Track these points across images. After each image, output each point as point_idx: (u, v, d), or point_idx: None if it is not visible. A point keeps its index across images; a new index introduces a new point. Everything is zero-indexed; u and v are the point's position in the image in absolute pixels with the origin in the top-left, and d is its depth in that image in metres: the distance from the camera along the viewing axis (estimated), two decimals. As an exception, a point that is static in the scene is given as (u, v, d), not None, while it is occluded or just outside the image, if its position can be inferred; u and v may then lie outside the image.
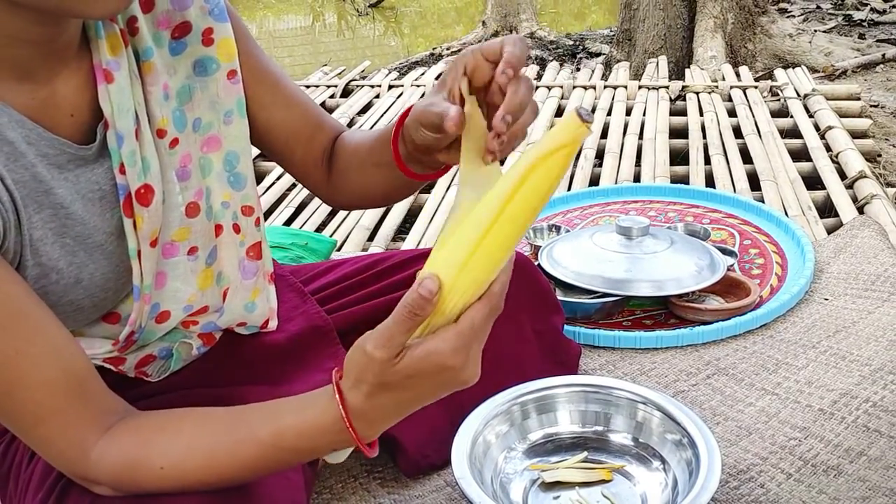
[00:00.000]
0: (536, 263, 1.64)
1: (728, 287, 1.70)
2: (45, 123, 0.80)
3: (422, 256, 1.27)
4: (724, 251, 1.81)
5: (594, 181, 2.53)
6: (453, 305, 0.68)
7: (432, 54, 5.71)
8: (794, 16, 5.27)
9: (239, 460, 0.77)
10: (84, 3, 0.70)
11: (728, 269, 1.71)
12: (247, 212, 1.00)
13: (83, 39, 0.82)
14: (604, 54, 4.92)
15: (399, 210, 2.40)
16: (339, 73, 3.88)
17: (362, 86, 3.63)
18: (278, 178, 2.70)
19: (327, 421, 0.73)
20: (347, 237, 2.27)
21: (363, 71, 3.93)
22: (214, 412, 0.80)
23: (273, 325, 1.11)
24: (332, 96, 3.55)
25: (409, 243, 2.20)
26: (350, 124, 3.22)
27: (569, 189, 2.44)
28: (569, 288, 1.68)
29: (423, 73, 3.92)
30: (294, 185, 2.68)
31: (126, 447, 0.77)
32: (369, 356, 0.69)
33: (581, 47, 5.43)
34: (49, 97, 0.80)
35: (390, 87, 3.60)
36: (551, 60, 4.58)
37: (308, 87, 3.68)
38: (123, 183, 0.85)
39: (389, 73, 3.99)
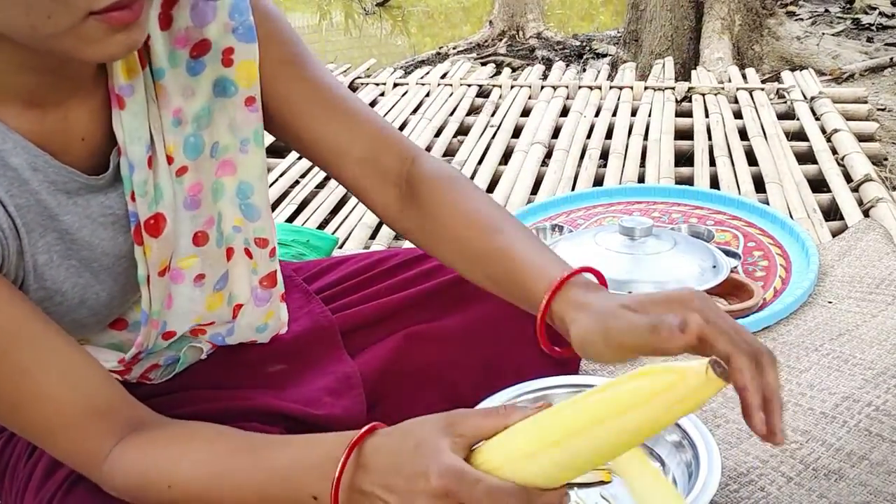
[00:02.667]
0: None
1: (731, 289, 1.69)
2: (53, 149, 0.77)
3: (425, 255, 1.26)
4: (728, 253, 1.80)
5: (598, 181, 2.52)
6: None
7: (438, 53, 5.70)
8: (802, 19, 5.25)
9: (239, 492, 0.74)
10: (79, 49, 0.66)
11: (731, 271, 1.70)
12: (260, 244, 0.96)
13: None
14: (610, 55, 4.91)
15: (402, 208, 2.39)
16: (344, 71, 3.88)
17: (367, 84, 3.63)
18: (281, 175, 2.70)
19: (322, 470, 0.69)
20: (349, 235, 2.26)
21: (368, 69, 3.92)
22: (223, 434, 0.78)
23: (283, 331, 1.10)
24: (336, 94, 3.54)
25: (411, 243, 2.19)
26: (354, 122, 3.20)
27: (573, 189, 2.43)
28: (571, 288, 1.67)
29: (427, 72, 3.92)
30: (297, 182, 2.68)
31: (135, 463, 0.76)
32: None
33: (588, 48, 5.42)
34: (60, 122, 0.77)
35: (395, 85, 3.59)
36: (557, 60, 4.57)
37: (313, 84, 3.67)
38: (134, 211, 0.83)
39: (394, 71, 3.99)
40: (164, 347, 0.97)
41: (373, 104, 3.41)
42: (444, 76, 3.78)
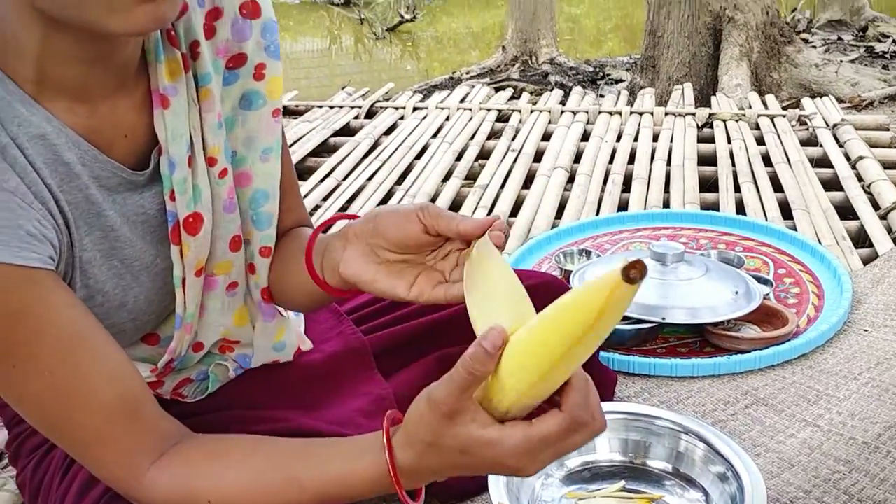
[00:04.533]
0: (568, 285, 1.62)
1: (764, 316, 1.67)
2: (100, 144, 0.78)
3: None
4: (760, 279, 1.78)
5: (622, 206, 2.51)
6: (512, 389, 0.65)
7: (451, 78, 5.73)
8: (815, 46, 5.26)
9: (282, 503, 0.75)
10: (106, 18, 0.66)
11: (764, 298, 1.68)
12: (265, 253, 0.95)
13: (143, 62, 0.80)
14: (624, 81, 4.92)
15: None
16: (363, 95, 3.89)
17: (386, 107, 3.64)
18: (309, 193, 2.70)
19: (374, 474, 0.72)
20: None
21: (387, 93, 3.93)
22: (262, 446, 0.79)
23: (307, 347, 1.09)
24: (356, 117, 3.56)
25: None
26: (375, 145, 3.21)
27: (597, 213, 2.42)
28: (601, 313, 1.65)
29: (447, 96, 3.93)
30: (318, 207, 2.67)
31: (176, 477, 0.76)
32: (425, 410, 0.67)
33: (601, 74, 5.44)
34: (106, 117, 0.78)
35: (414, 109, 3.60)
36: (571, 86, 4.58)
37: (332, 107, 3.69)
38: (173, 210, 0.83)
39: (413, 95, 4.00)
40: (194, 362, 0.97)
41: (393, 128, 3.42)
42: (463, 100, 3.79)
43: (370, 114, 3.60)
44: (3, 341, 0.69)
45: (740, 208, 2.43)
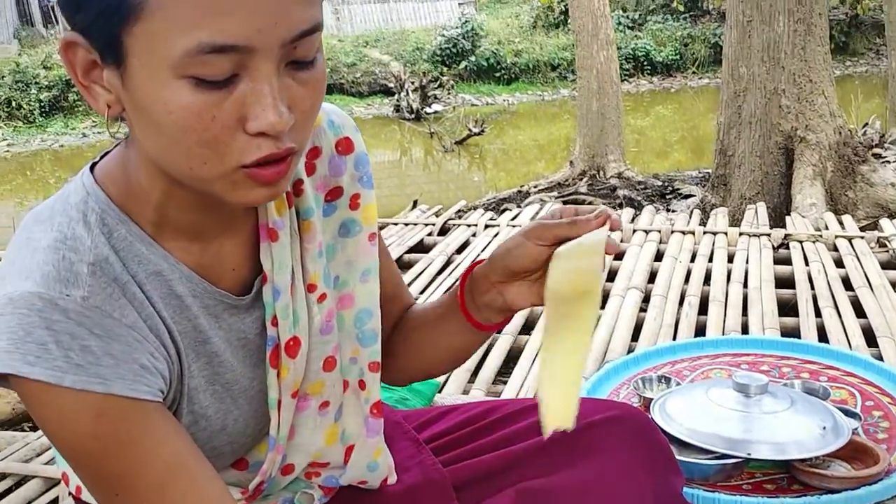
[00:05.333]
0: (649, 417, 1.59)
1: (854, 452, 1.61)
2: (210, 278, 0.83)
3: (533, 407, 1.25)
4: (847, 413, 1.72)
5: (700, 330, 2.48)
6: None
7: (519, 191, 5.82)
8: (889, 161, 5.21)
9: None
10: (225, 193, 0.73)
11: (853, 433, 1.62)
12: (373, 368, 1.00)
13: None
14: (694, 196, 4.93)
15: (499, 352, 2.39)
16: (437, 212, 3.98)
17: (459, 225, 3.70)
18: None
19: None
20: (447, 378, 2.25)
21: (459, 210, 4.01)
22: None
23: (392, 479, 1.10)
24: (429, 234, 3.63)
25: (510, 387, 2.18)
26: (447, 263, 3.26)
27: (674, 337, 2.39)
28: (683, 446, 1.61)
29: (517, 214, 3.99)
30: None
31: None
32: None
33: (670, 188, 5.46)
34: (216, 253, 0.84)
35: (486, 226, 3.65)
36: (641, 201, 4.60)
37: (406, 224, 3.77)
38: (273, 335, 0.88)
39: (485, 212, 4.07)
40: (281, 487, 0.99)
41: (465, 245, 3.47)
42: (533, 218, 3.84)
43: (443, 230, 3.67)
44: (109, 469, 0.73)
45: (822, 334, 2.38)
